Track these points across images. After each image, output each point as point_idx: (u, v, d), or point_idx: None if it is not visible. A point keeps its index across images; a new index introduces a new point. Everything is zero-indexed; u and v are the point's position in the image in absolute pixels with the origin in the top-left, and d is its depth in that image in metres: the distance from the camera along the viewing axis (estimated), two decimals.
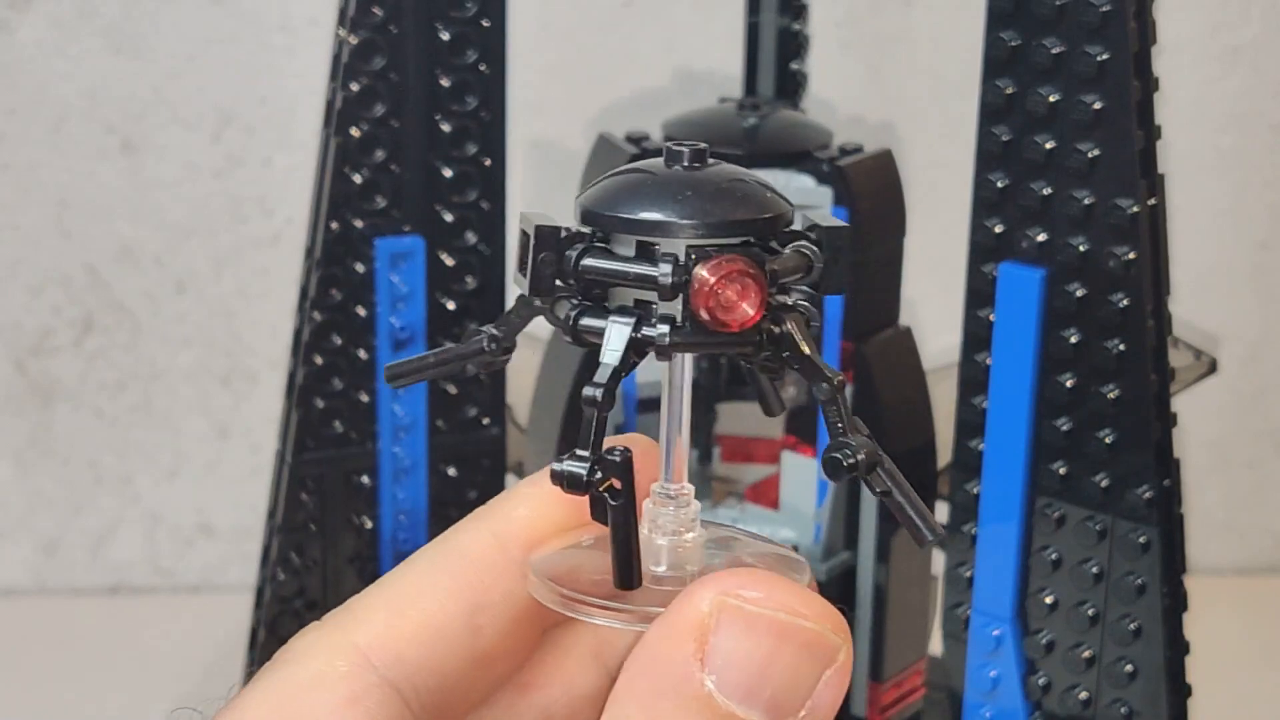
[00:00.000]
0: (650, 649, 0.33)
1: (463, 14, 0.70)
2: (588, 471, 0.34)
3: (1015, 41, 0.64)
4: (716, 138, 0.75)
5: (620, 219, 0.34)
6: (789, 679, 0.33)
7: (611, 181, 0.35)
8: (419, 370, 0.38)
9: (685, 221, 0.34)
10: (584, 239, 0.35)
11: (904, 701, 0.78)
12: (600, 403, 0.34)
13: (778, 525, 0.77)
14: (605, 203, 0.35)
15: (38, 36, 0.99)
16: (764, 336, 0.34)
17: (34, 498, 1.06)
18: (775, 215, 0.35)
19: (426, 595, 0.37)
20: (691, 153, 0.35)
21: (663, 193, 0.34)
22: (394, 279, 0.71)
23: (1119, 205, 0.62)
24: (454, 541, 0.38)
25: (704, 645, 0.32)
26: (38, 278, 1.02)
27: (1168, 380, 0.64)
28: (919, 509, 0.35)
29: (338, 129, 0.70)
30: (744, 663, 0.32)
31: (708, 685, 0.32)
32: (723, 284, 0.33)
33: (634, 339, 0.34)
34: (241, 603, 0.77)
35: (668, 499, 0.37)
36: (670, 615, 0.33)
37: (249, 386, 1.05)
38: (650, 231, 0.34)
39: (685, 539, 0.36)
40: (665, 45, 1.02)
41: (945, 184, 0.81)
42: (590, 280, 0.34)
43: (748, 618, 0.33)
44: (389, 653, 0.36)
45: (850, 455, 0.34)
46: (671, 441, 0.36)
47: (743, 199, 0.34)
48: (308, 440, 0.72)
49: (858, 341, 0.74)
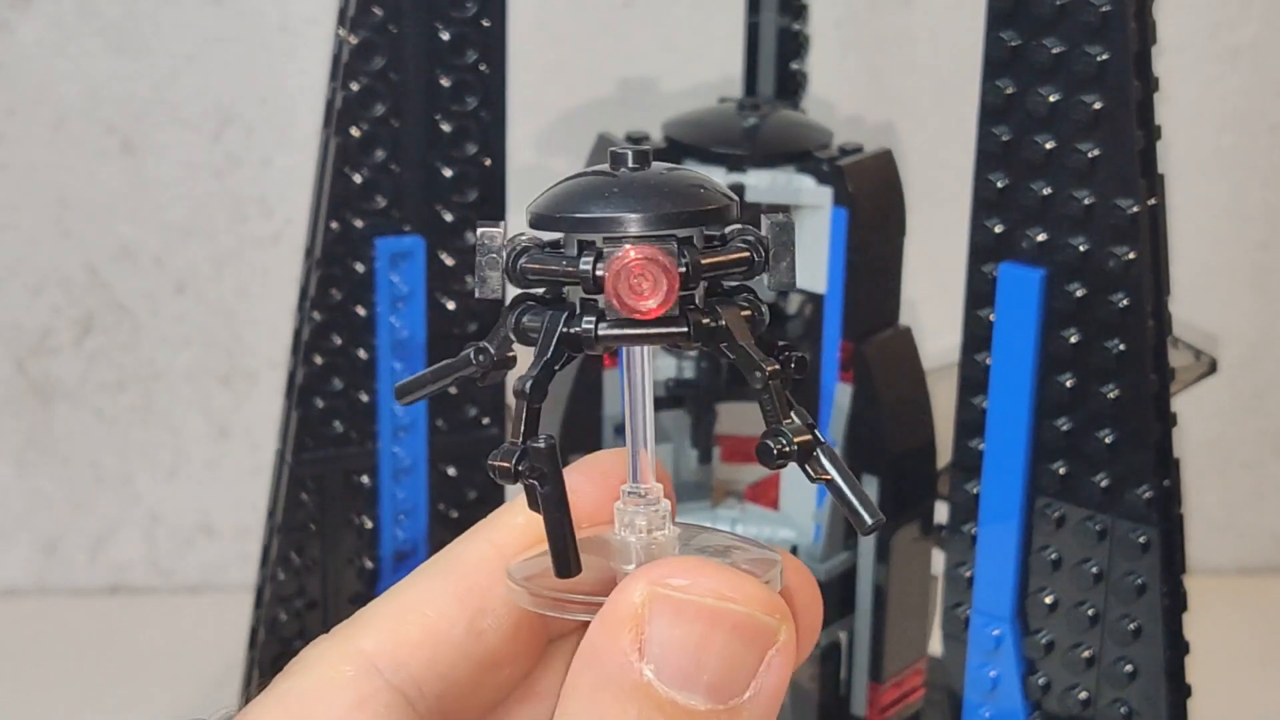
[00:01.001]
0: (591, 642, 0.34)
1: (463, 14, 0.70)
2: (516, 460, 0.35)
3: (1015, 41, 0.64)
4: (716, 138, 0.75)
5: (555, 218, 0.36)
6: (726, 662, 0.33)
7: (559, 186, 0.36)
8: (421, 386, 0.39)
9: (611, 216, 0.35)
10: (530, 242, 0.36)
11: (904, 701, 0.78)
12: (529, 394, 0.35)
13: (778, 525, 0.77)
14: (547, 205, 0.36)
15: (38, 36, 0.99)
16: (694, 326, 0.35)
17: (34, 498, 1.06)
18: (706, 209, 0.35)
19: (428, 603, 0.38)
20: (634, 154, 0.36)
21: (598, 193, 0.35)
22: (394, 279, 0.71)
23: (1119, 205, 0.62)
24: (454, 552, 0.39)
25: (640, 635, 0.33)
26: (38, 278, 1.02)
27: (1167, 380, 0.64)
28: (860, 495, 0.35)
29: (338, 129, 0.70)
30: (678, 650, 0.33)
31: (646, 674, 0.33)
32: (634, 269, 0.34)
33: (564, 333, 0.35)
34: (241, 603, 0.77)
35: (636, 498, 0.37)
36: (606, 608, 0.34)
37: (249, 386, 1.05)
38: (580, 228, 0.35)
39: (655, 537, 0.37)
40: (665, 45, 1.02)
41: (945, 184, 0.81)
42: (531, 280, 0.36)
43: (676, 605, 0.33)
44: (394, 658, 0.37)
45: (784, 444, 0.35)
46: (637, 441, 0.37)
47: (672, 194, 0.35)
48: (307, 440, 0.72)
49: (858, 341, 0.74)
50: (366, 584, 0.74)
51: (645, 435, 0.37)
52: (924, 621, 0.78)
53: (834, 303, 0.74)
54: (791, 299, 0.77)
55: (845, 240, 0.73)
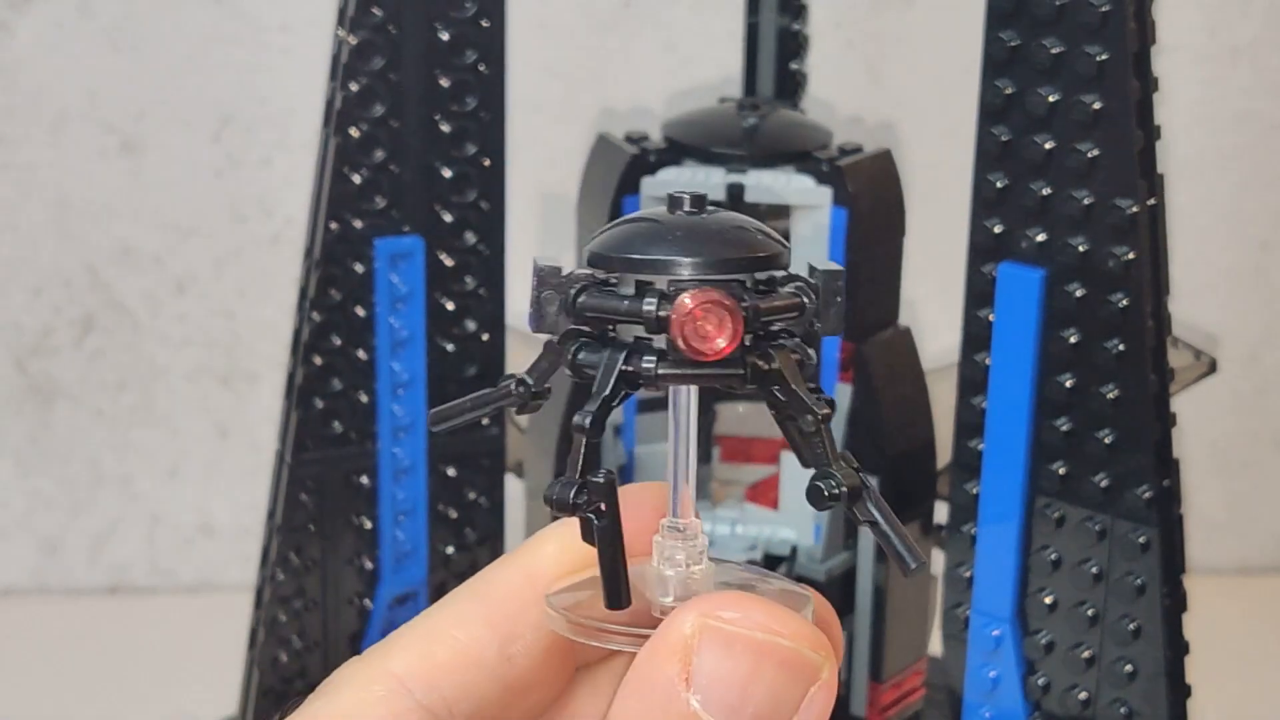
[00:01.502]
0: (639, 671, 0.34)
1: (462, 14, 0.70)
2: (574, 494, 0.36)
3: (1015, 41, 0.63)
4: (716, 138, 0.75)
5: (617, 258, 0.36)
6: (771, 696, 0.34)
7: (618, 227, 0.37)
8: (459, 414, 0.40)
9: (674, 259, 0.36)
10: (585, 279, 0.37)
11: (904, 702, 0.78)
12: (589, 430, 0.36)
13: (777, 525, 0.77)
14: (608, 245, 0.37)
15: (38, 36, 0.99)
16: (749, 369, 0.36)
17: (34, 498, 1.06)
18: (765, 256, 0.37)
19: (459, 627, 0.38)
20: (692, 199, 0.37)
21: (659, 235, 0.37)
22: (393, 279, 0.71)
23: (1118, 205, 0.62)
24: (485, 578, 0.39)
25: (688, 665, 0.34)
26: (38, 278, 1.02)
27: (1167, 380, 0.64)
28: (902, 537, 0.36)
29: (337, 129, 0.70)
30: (726, 681, 0.34)
31: (693, 704, 0.34)
32: (698, 313, 0.35)
33: (624, 371, 0.36)
34: (241, 603, 0.77)
35: (676, 533, 0.38)
36: (656, 638, 0.34)
37: (249, 386, 1.05)
38: (642, 269, 0.36)
39: (693, 571, 0.38)
40: (665, 45, 1.02)
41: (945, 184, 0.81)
42: (590, 317, 0.37)
43: (727, 637, 0.34)
44: (425, 680, 0.37)
45: (835, 486, 0.36)
46: (679, 477, 0.38)
47: (733, 240, 0.37)
48: (307, 440, 0.72)
49: (858, 341, 0.74)
50: (366, 585, 0.74)
51: (688, 472, 0.38)
52: (924, 622, 0.78)
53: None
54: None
55: (845, 240, 0.73)
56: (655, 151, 0.74)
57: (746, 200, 0.74)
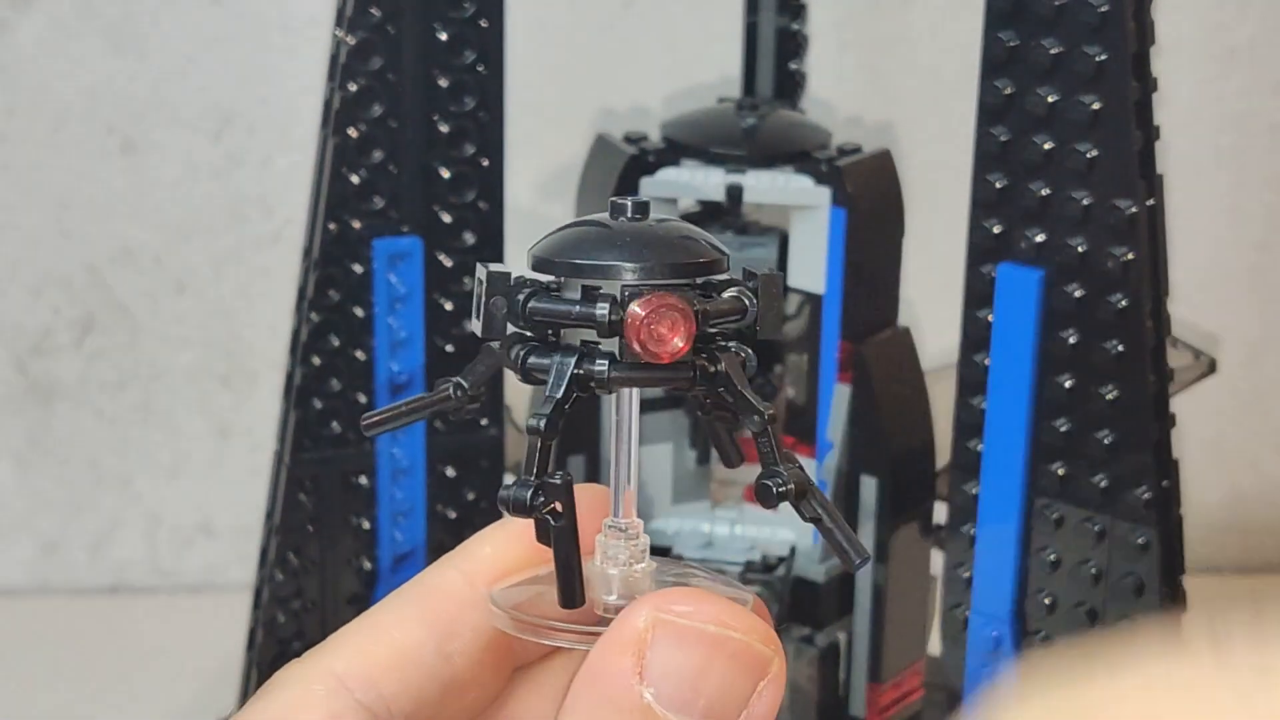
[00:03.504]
0: (592, 666, 0.35)
1: (461, 14, 0.70)
2: (530, 495, 0.36)
3: (1014, 42, 0.63)
4: (715, 138, 0.75)
5: (565, 264, 0.37)
6: (723, 688, 0.35)
7: (561, 233, 0.38)
8: (394, 418, 0.40)
9: (623, 264, 0.37)
10: (533, 284, 0.37)
11: (903, 702, 0.78)
12: (543, 432, 0.36)
13: (777, 525, 0.77)
14: (553, 250, 0.38)
15: (38, 36, 0.99)
16: (697, 372, 0.37)
17: (34, 498, 1.06)
18: (708, 261, 0.38)
19: (398, 626, 0.39)
20: (634, 205, 0.38)
21: (606, 241, 0.37)
22: (392, 279, 0.71)
23: (1117, 206, 0.62)
24: (423, 580, 0.40)
25: (641, 659, 0.34)
26: (38, 278, 1.02)
27: (1166, 381, 0.64)
28: (846, 534, 0.37)
29: (335, 129, 0.70)
30: (679, 674, 0.34)
31: (646, 697, 0.34)
32: (653, 318, 0.36)
33: (576, 374, 0.37)
34: (241, 603, 0.77)
35: (618, 532, 0.39)
36: (609, 633, 0.35)
37: (249, 386, 1.05)
38: (591, 275, 0.37)
39: (635, 569, 0.39)
40: (665, 45, 1.02)
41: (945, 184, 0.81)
42: (538, 322, 0.37)
43: (680, 631, 0.35)
44: (363, 679, 0.38)
45: (781, 484, 0.37)
46: (621, 478, 0.39)
47: (679, 246, 0.37)
48: (306, 441, 0.72)
49: (857, 342, 0.74)
50: (365, 585, 0.74)
51: (630, 473, 0.39)
52: (923, 622, 0.78)
53: (833, 303, 0.74)
54: (790, 299, 0.77)
55: (844, 240, 0.73)
56: (654, 152, 0.74)
57: (746, 200, 0.74)
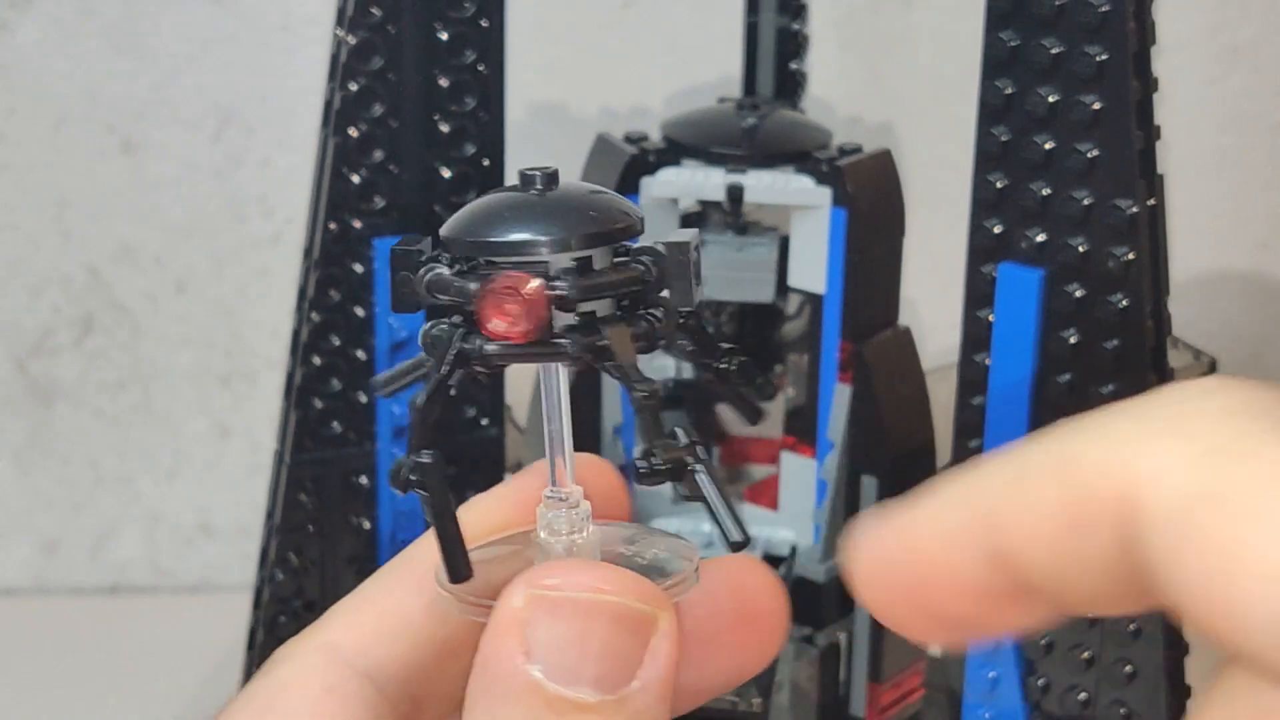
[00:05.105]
0: (482, 652, 0.35)
1: (461, 14, 0.70)
2: (397, 470, 0.36)
3: (1014, 42, 0.63)
4: (715, 138, 0.75)
5: (451, 240, 0.37)
6: (607, 652, 0.34)
7: (469, 206, 0.38)
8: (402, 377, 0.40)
9: (490, 240, 0.36)
10: (431, 259, 0.37)
11: (903, 702, 0.78)
12: (421, 408, 0.36)
13: (777, 525, 0.77)
14: (454, 226, 0.37)
15: (38, 36, 0.99)
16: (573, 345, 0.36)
17: (34, 498, 1.06)
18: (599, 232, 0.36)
19: (386, 594, 0.39)
20: (543, 176, 0.37)
21: (495, 215, 0.37)
22: None
23: (1118, 206, 0.62)
24: (411, 550, 0.40)
25: (524, 638, 0.34)
26: (38, 278, 1.02)
27: (1167, 380, 0.64)
28: (729, 512, 0.37)
29: (336, 129, 0.70)
30: (560, 645, 0.34)
31: (534, 674, 0.34)
32: (491, 299, 0.35)
33: (460, 350, 0.36)
34: (241, 603, 0.77)
35: (558, 502, 0.38)
36: (493, 618, 0.35)
37: (249, 386, 1.05)
38: (466, 251, 0.37)
39: (575, 539, 0.38)
40: (665, 45, 1.02)
41: (945, 184, 0.81)
42: (436, 297, 0.37)
43: (553, 603, 0.35)
44: (357, 646, 0.38)
45: (658, 461, 0.36)
46: (554, 447, 0.38)
47: (561, 216, 0.36)
48: (306, 441, 0.72)
49: (857, 342, 0.74)
50: None
51: (563, 441, 0.38)
52: None
53: (833, 303, 0.74)
54: (791, 299, 0.77)
55: (844, 240, 0.73)
56: (654, 152, 0.74)
57: (746, 200, 0.74)
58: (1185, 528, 0.28)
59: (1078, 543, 0.30)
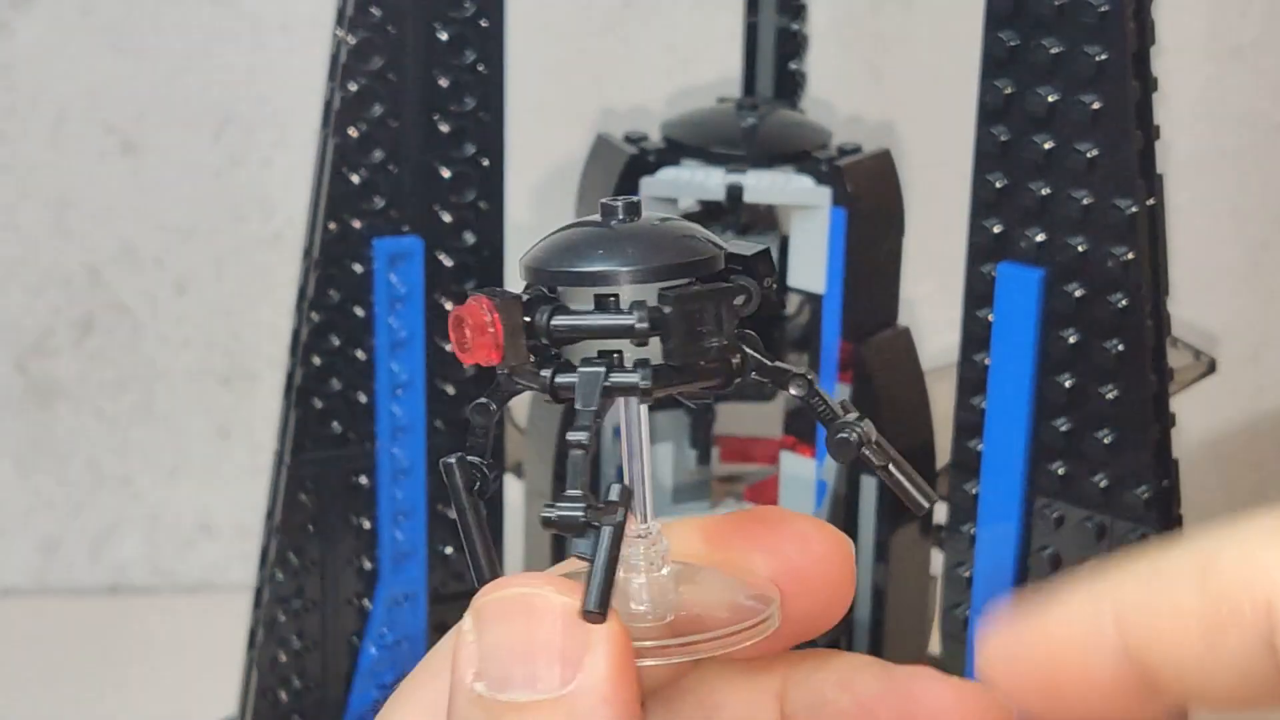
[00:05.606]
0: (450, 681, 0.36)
1: (461, 14, 0.70)
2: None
3: (1014, 41, 0.63)
4: (715, 138, 0.75)
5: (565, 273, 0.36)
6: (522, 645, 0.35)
7: (553, 239, 0.37)
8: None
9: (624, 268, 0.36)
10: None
11: None
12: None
13: None
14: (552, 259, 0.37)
15: (38, 36, 0.99)
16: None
17: (34, 498, 1.06)
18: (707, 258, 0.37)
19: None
20: (625, 206, 0.37)
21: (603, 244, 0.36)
22: (392, 279, 0.71)
23: (1117, 205, 0.62)
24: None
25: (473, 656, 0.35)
26: (38, 278, 1.02)
27: (1166, 380, 0.64)
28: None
29: (335, 129, 0.70)
30: (489, 654, 0.35)
31: (478, 689, 0.35)
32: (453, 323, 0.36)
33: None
34: (241, 603, 0.77)
35: (637, 539, 0.38)
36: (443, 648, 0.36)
37: (249, 386, 1.05)
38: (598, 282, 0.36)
39: (654, 576, 0.38)
40: (665, 45, 1.02)
41: (945, 184, 0.81)
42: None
43: (483, 614, 0.35)
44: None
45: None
46: (636, 483, 0.38)
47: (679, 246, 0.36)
48: (306, 441, 0.72)
49: (857, 342, 0.74)
50: (365, 585, 0.74)
51: (644, 478, 0.38)
52: (923, 621, 0.78)
53: (833, 303, 0.74)
54: (791, 299, 0.77)
55: (844, 240, 0.73)
56: (654, 152, 0.74)
57: (746, 200, 0.74)
58: None
59: (1217, 644, 0.31)
